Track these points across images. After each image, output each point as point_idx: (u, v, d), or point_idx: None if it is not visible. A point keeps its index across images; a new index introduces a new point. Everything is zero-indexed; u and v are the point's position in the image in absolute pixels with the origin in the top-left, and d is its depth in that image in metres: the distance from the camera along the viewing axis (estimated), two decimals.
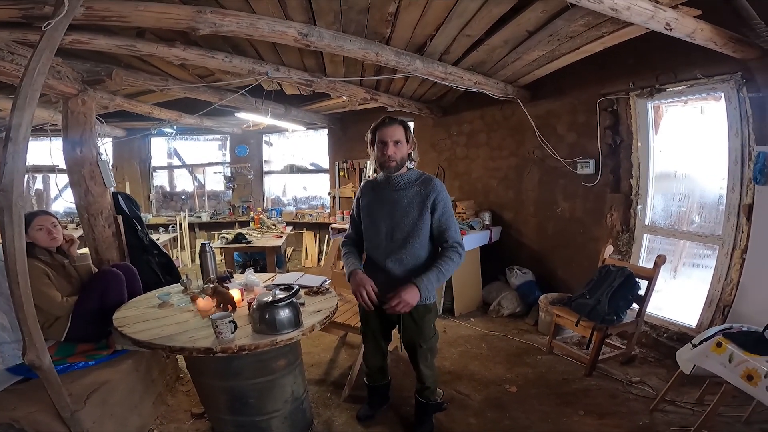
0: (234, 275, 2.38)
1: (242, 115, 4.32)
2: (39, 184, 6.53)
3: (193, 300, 1.96)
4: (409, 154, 1.86)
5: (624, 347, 2.87)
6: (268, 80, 3.32)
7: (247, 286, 2.18)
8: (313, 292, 2.12)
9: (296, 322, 1.63)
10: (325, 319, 1.78)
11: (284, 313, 1.58)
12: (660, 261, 2.66)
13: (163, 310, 1.94)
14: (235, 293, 1.93)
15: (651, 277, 2.68)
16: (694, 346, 2.07)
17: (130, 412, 2.02)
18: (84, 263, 2.24)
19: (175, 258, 5.84)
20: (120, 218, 2.70)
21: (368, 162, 5.60)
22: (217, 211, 6.71)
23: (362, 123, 5.68)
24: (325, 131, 6.20)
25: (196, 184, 6.95)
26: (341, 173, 5.98)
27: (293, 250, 6.43)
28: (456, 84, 3.31)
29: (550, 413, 2.30)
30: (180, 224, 6.17)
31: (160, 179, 7.02)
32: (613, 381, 2.61)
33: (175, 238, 5.82)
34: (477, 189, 4.66)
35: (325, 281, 2.32)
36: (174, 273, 2.89)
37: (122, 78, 2.72)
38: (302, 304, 1.92)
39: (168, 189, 7.11)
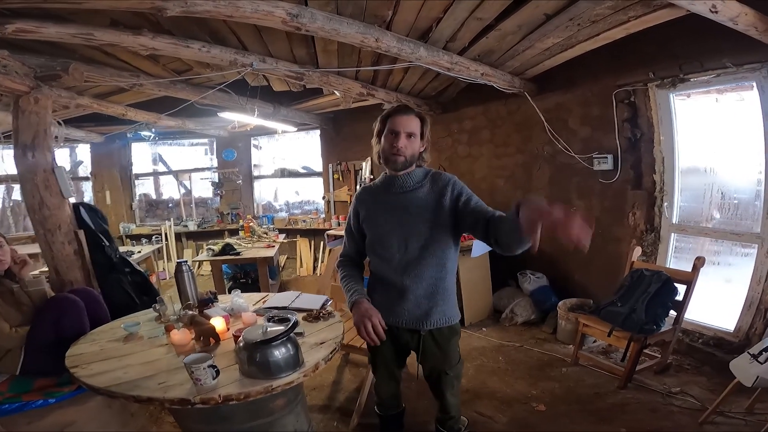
0: (218, 298, 2.04)
1: (226, 115, 3.97)
2: (17, 195, 6.04)
3: (168, 331, 1.63)
4: (421, 153, 1.56)
5: (658, 356, 2.62)
6: (254, 74, 3.00)
7: (234, 312, 1.85)
8: (313, 317, 1.79)
9: (295, 361, 1.31)
10: (331, 352, 1.46)
11: (280, 353, 1.26)
12: (699, 263, 2.40)
13: (130, 344, 1.60)
14: (218, 322, 1.60)
15: (689, 280, 2.42)
16: (754, 357, 1.85)
17: None
18: (38, 288, 1.90)
19: (161, 270, 5.46)
20: (82, 233, 2.34)
21: (363, 164, 5.28)
22: (204, 219, 6.33)
23: (356, 122, 5.39)
24: (317, 132, 5.87)
25: (182, 191, 6.57)
26: (335, 176, 5.65)
27: (287, 258, 6.08)
28: (461, 75, 3.02)
29: None
30: (165, 234, 5.79)
31: (145, 187, 6.63)
32: (650, 393, 2.36)
33: (159, 250, 5.44)
34: (482, 189, 4.36)
35: (327, 302, 1.99)
36: (152, 293, 2.54)
37: (82, 73, 2.37)
38: (301, 334, 1.60)
39: (154, 197, 6.72)
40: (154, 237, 5.58)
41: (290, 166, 6.36)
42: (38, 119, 2.20)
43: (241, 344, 1.28)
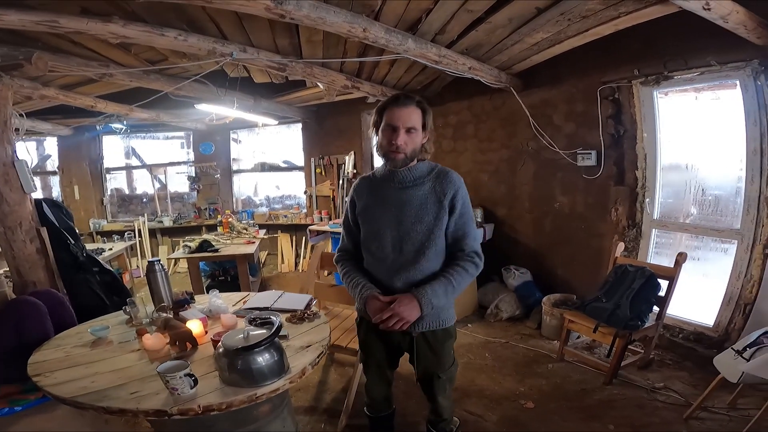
0: (195, 299, 1.92)
1: (204, 107, 3.78)
2: None
3: (140, 335, 1.52)
4: (423, 145, 1.45)
5: (641, 351, 2.65)
6: (233, 64, 2.85)
7: (212, 314, 1.74)
8: (298, 318, 1.71)
9: (280, 367, 1.23)
10: (318, 357, 1.38)
11: (264, 360, 1.17)
12: (681, 259, 2.43)
13: (98, 350, 1.48)
14: (195, 326, 1.50)
15: (672, 276, 2.45)
16: (738, 353, 1.88)
17: None
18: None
19: (134, 268, 5.23)
20: (45, 230, 2.17)
21: (347, 158, 5.18)
22: (181, 214, 6.10)
23: (340, 116, 5.28)
24: (299, 126, 5.72)
25: (157, 185, 6.31)
26: (318, 170, 5.52)
27: (268, 254, 5.93)
28: (449, 69, 2.96)
29: (577, 430, 2.06)
30: (139, 230, 5.55)
31: (117, 182, 6.32)
32: (635, 388, 2.39)
33: (132, 247, 5.20)
34: (466, 184, 4.26)
35: (311, 302, 1.91)
36: (123, 293, 2.40)
37: (46, 63, 2.20)
38: (285, 337, 1.52)
39: (127, 192, 6.43)
40: (126, 233, 5.33)
41: (271, 160, 6.19)
42: None
43: (221, 350, 1.19)
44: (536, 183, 3.75)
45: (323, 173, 5.51)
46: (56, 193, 5.82)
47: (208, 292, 1.98)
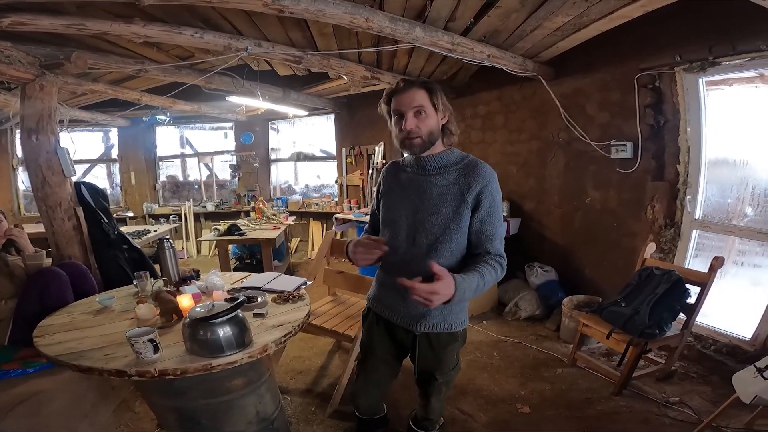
0: (200, 276, 2.07)
1: (234, 99, 4.00)
2: None
3: (140, 305, 1.67)
4: (444, 127, 1.33)
5: (663, 361, 2.43)
6: (254, 58, 2.97)
7: (208, 290, 1.87)
8: (283, 299, 1.78)
9: (241, 341, 1.30)
10: (285, 336, 1.44)
11: (223, 331, 1.25)
12: (717, 264, 2.18)
13: (99, 317, 1.65)
14: (185, 300, 1.61)
15: (704, 282, 2.21)
16: (759, 371, 1.65)
17: (79, 422, 1.81)
18: (35, 262, 1.99)
19: (180, 249, 5.69)
20: (80, 210, 2.44)
21: (376, 148, 5.21)
22: (223, 200, 6.52)
23: (370, 107, 5.27)
24: (332, 116, 5.85)
25: (206, 173, 6.78)
26: (348, 160, 5.62)
27: (300, 241, 6.16)
28: (466, 57, 2.86)
29: None
30: (185, 214, 6.01)
31: (173, 169, 6.89)
32: (645, 401, 2.20)
33: (176, 229, 5.65)
34: None
35: (303, 284, 1.98)
36: (148, 269, 2.62)
37: (85, 61, 2.45)
38: (262, 315, 1.59)
39: (180, 179, 6.98)
40: (172, 217, 5.80)
41: (306, 149, 6.39)
42: (43, 105, 2.31)
43: (186, 320, 1.28)
44: (567, 176, 3.53)
45: (354, 163, 5.60)
46: (117, 179, 6.46)
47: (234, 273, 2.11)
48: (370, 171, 5.36)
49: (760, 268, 2.55)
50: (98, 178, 6.57)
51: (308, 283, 2.06)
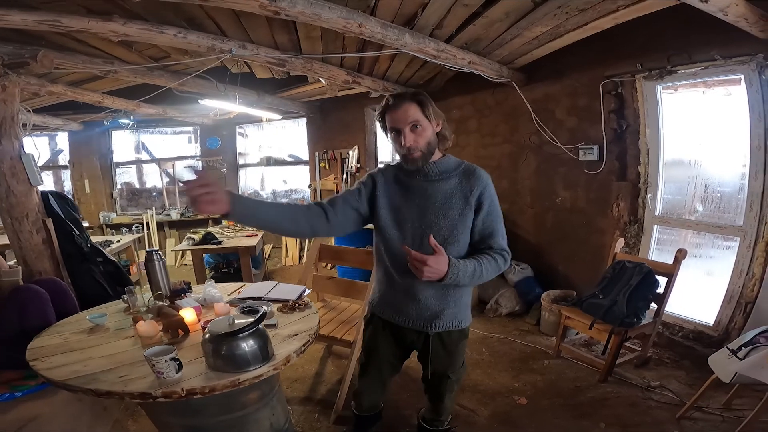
0: (192, 288, 1.98)
1: (207, 102, 3.83)
2: None
3: (136, 322, 1.56)
4: (438, 133, 1.40)
5: (639, 349, 2.63)
6: (234, 60, 2.88)
7: (206, 303, 1.79)
8: (289, 308, 1.74)
9: (265, 354, 1.26)
10: (304, 345, 1.42)
11: (247, 346, 1.21)
12: (681, 256, 2.40)
13: (95, 336, 1.53)
14: (188, 314, 1.54)
15: (671, 273, 2.42)
16: (733, 352, 1.85)
17: None
18: (11, 279, 1.82)
19: (142, 260, 5.34)
20: (50, 222, 2.24)
21: (350, 152, 5.20)
22: (188, 208, 6.20)
23: (343, 111, 5.29)
24: (304, 120, 5.76)
25: (166, 179, 6.42)
26: (322, 164, 5.56)
27: (272, 248, 6.01)
28: (448, 63, 2.96)
29: (567, 427, 2.06)
30: (147, 223, 5.66)
31: (128, 176, 6.45)
32: (630, 387, 2.37)
33: (140, 239, 5.31)
34: None
35: (304, 292, 1.95)
36: (126, 283, 2.47)
37: (52, 60, 2.26)
38: (274, 326, 1.56)
39: (137, 185, 6.55)
40: (134, 226, 5.45)
41: (276, 154, 6.24)
42: (5, 107, 2.11)
43: (207, 336, 1.23)
44: (538, 178, 3.73)
45: (327, 167, 5.55)
46: (67, 186, 5.96)
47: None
48: (344, 175, 5.34)
49: (713, 259, 2.83)
50: (45, 185, 6.03)
51: (308, 291, 2.03)
